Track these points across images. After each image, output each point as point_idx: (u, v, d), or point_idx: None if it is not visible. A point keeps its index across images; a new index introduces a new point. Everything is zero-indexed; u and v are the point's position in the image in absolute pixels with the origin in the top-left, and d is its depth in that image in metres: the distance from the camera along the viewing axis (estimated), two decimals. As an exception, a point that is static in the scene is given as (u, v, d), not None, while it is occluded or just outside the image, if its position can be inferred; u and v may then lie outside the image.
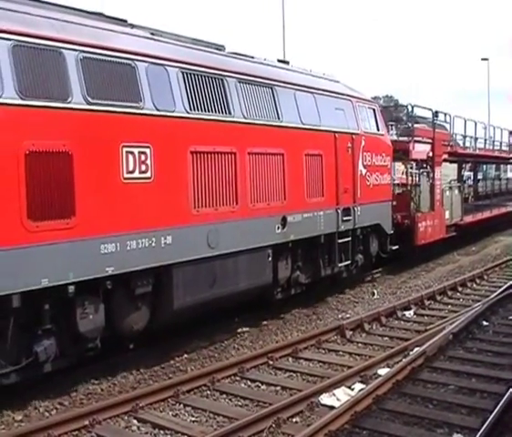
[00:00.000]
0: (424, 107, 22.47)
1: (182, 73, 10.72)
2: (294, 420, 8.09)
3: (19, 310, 8.25)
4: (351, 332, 12.09)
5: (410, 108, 21.96)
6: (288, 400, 8.48)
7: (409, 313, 13.67)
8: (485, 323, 12.12)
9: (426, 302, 14.56)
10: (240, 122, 11.83)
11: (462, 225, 23.74)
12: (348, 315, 13.71)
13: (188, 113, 10.67)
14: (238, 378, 9.80)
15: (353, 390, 8.92)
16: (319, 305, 14.72)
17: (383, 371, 9.51)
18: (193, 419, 8.33)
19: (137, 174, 9.66)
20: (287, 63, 15.35)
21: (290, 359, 10.76)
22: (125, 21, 10.85)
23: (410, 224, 19.37)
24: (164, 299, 10.34)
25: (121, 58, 9.72)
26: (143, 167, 9.75)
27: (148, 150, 9.83)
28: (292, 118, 13.33)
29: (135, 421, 8.25)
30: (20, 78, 8.26)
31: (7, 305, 8.08)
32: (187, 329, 11.52)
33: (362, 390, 8.61)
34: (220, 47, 12.74)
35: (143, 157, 9.75)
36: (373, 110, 17.22)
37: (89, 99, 9.05)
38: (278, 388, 9.38)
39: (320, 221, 14.04)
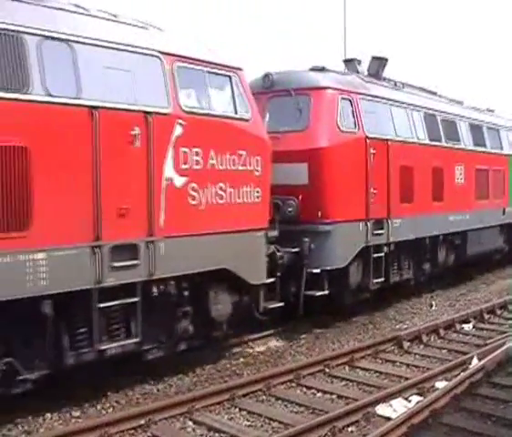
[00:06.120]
0: None
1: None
2: (350, 429, 8.00)
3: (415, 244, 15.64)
4: (408, 343, 11.93)
5: None
6: (344, 408, 8.41)
7: (468, 326, 13.44)
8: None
9: (486, 316, 14.26)
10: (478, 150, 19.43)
11: None
12: (405, 326, 13.56)
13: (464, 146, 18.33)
14: (294, 384, 9.77)
15: (409, 401, 8.78)
16: (376, 314, 14.62)
17: (440, 384, 9.33)
18: (248, 423, 8.33)
19: (456, 181, 17.49)
20: (492, 111, 22.37)
21: (346, 367, 10.69)
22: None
23: None
24: (463, 249, 18.00)
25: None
26: (461, 176, 17.77)
27: (462, 167, 17.83)
28: (496, 146, 20.79)
29: (190, 423, 8.29)
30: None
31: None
32: (241, 334, 11.55)
33: (419, 402, 8.47)
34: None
35: (460, 171, 17.72)
36: None
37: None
38: (334, 396, 9.30)
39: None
